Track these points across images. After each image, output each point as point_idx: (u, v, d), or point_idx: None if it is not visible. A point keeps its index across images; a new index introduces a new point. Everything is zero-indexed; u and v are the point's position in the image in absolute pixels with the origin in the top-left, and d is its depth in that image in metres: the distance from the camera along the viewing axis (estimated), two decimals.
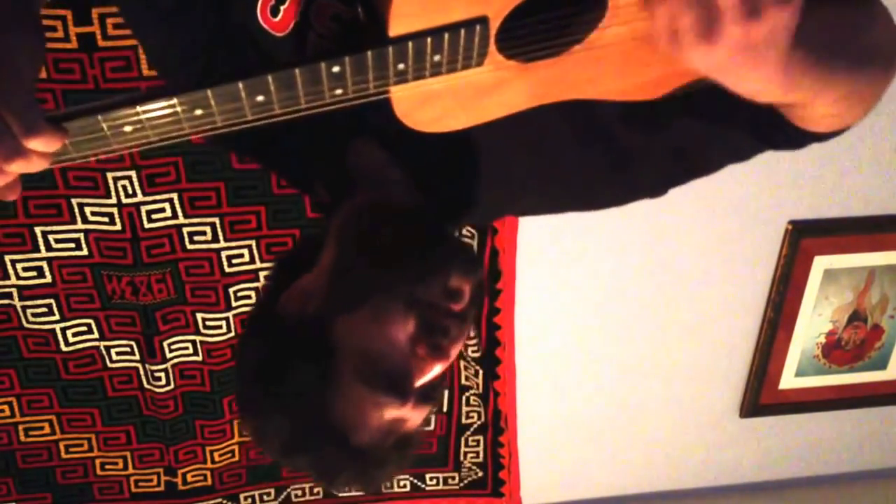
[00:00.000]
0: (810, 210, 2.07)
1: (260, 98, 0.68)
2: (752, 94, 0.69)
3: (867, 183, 2.05)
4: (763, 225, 2.07)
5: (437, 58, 0.69)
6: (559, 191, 0.93)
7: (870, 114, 0.79)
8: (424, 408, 0.85)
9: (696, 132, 0.83)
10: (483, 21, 0.69)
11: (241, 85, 0.67)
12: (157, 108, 0.67)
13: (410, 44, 0.68)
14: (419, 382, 0.83)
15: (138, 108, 0.67)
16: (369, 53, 0.67)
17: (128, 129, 0.68)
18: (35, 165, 0.67)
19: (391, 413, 0.83)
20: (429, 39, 0.68)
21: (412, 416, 0.85)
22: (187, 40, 0.87)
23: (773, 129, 0.79)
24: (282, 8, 0.82)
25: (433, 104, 0.75)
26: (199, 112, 0.68)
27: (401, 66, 0.69)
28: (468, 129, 0.80)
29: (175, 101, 0.67)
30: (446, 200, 0.93)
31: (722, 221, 2.06)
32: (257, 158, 1.14)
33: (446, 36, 0.68)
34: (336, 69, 0.68)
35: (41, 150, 0.66)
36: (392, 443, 0.86)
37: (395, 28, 0.67)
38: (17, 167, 0.66)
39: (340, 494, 2.27)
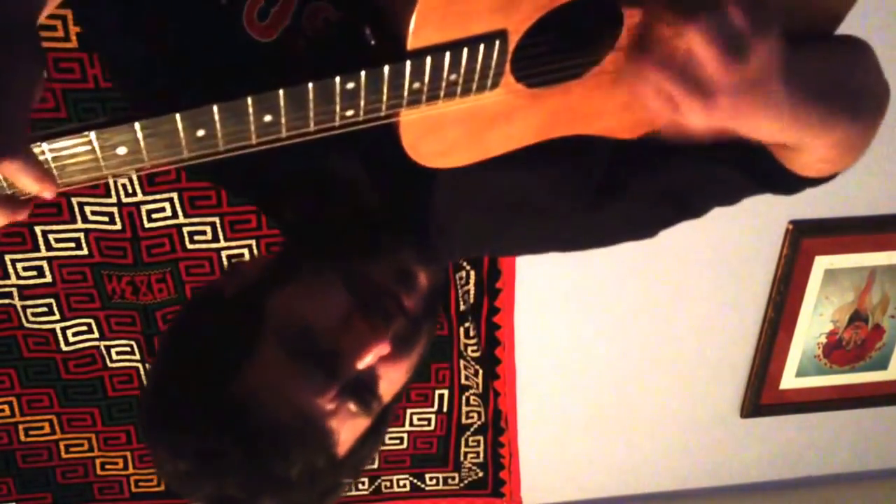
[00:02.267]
0: (810, 210, 2.07)
1: (268, 118, 0.63)
2: (767, 135, 0.69)
3: (867, 183, 2.05)
4: (763, 225, 2.07)
5: (453, 76, 0.68)
6: (542, 231, 0.89)
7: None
8: (352, 407, 0.75)
9: (690, 173, 0.81)
10: (502, 35, 0.68)
11: (249, 101, 0.61)
12: (153, 126, 0.60)
13: (428, 59, 0.66)
14: (350, 366, 0.74)
15: (135, 125, 0.60)
16: (386, 68, 0.65)
17: (122, 150, 0.61)
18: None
19: (310, 394, 0.73)
20: (447, 54, 0.66)
21: (334, 409, 0.74)
22: (146, 48, 0.78)
23: (768, 173, 0.79)
24: (272, 10, 0.75)
25: (441, 134, 0.73)
26: (200, 133, 0.62)
27: (416, 84, 0.67)
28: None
29: (178, 117, 0.61)
30: (418, 226, 0.86)
31: (722, 221, 2.04)
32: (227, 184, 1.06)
33: (465, 51, 0.67)
34: (350, 85, 0.65)
35: (18, 180, 0.57)
36: (298, 435, 0.73)
37: (414, 42, 0.65)
38: None
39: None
